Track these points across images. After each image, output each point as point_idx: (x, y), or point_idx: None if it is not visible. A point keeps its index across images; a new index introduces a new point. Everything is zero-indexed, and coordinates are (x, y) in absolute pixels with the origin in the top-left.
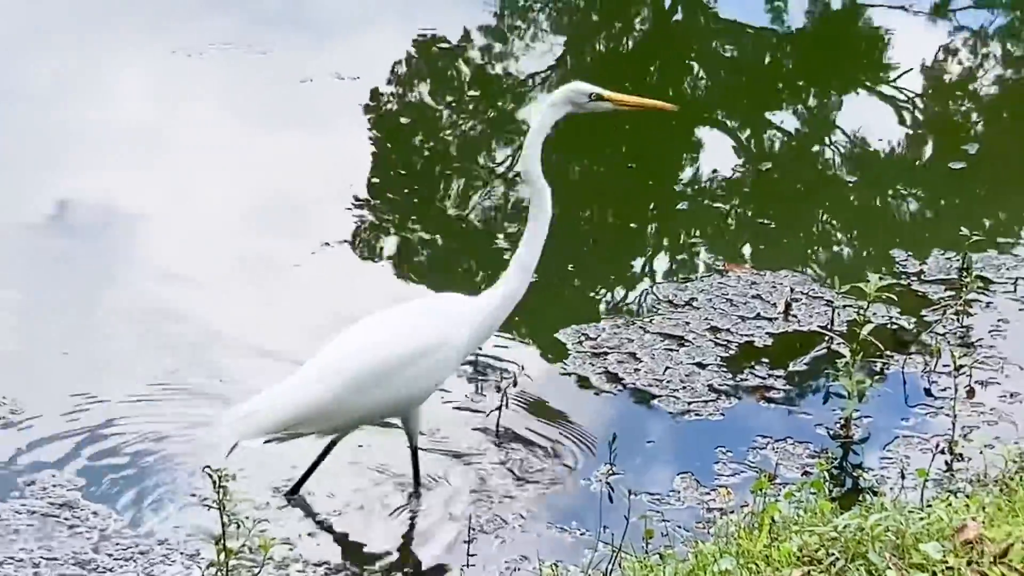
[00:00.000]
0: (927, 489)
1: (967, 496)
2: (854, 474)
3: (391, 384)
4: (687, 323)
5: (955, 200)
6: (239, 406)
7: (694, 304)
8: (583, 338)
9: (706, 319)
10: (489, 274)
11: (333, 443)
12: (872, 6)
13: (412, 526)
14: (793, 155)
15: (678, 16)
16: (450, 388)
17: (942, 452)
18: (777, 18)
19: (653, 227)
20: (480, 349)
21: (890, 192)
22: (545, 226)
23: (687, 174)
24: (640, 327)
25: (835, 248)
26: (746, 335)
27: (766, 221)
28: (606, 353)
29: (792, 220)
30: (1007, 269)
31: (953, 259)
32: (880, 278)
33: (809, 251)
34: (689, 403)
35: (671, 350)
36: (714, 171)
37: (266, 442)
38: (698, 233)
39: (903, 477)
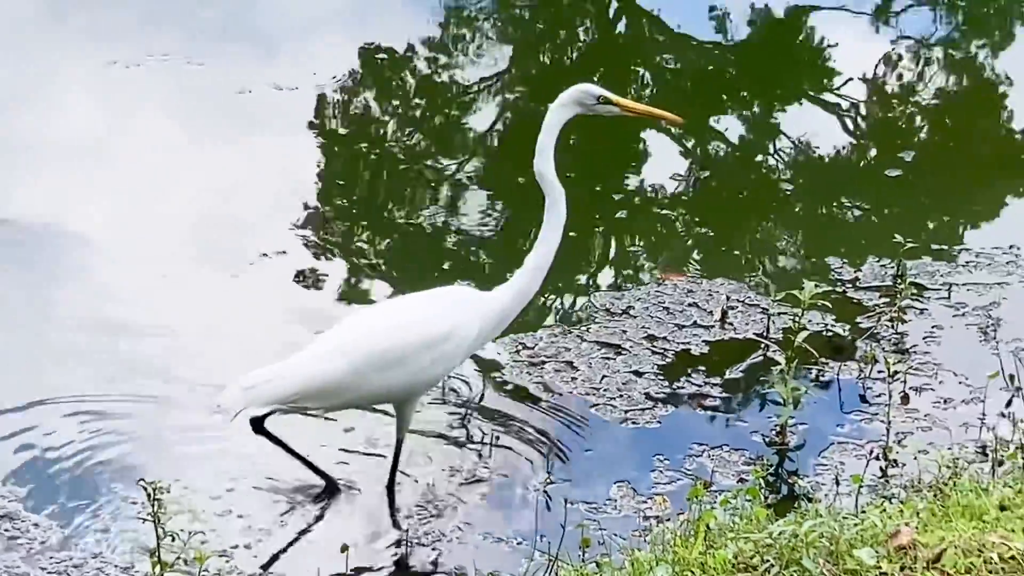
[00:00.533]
0: (862, 495)
1: (901, 502)
2: (789, 481)
3: (407, 366)
4: (624, 331)
5: (891, 207)
6: (248, 374)
7: (631, 312)
8: (520, 347)
9: (643, 327)
10: (436, 278)
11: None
12: (816, 8)
13: (349, 539)
14: (735, 163)
15: (622, 26)
16: None
17: (877, 458)
18: (721, 28)
19: (592, 236)
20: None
21: (828, 200)
22: (559, 227)
23: (628, 183)
24: (577, 336)
25: (772, 256)
26: (683, 343)
27: (705, 229)
28: (543, 362)
29: (731, 228)
30: (941, 276)
31: (888, 266)
32: (816, 286)
33: (746, 259)
34: (626, 411)
35: (608, 358)
36: (655, 180)
37: (268, 414)
38: (637, 242)
39: (838, 483)
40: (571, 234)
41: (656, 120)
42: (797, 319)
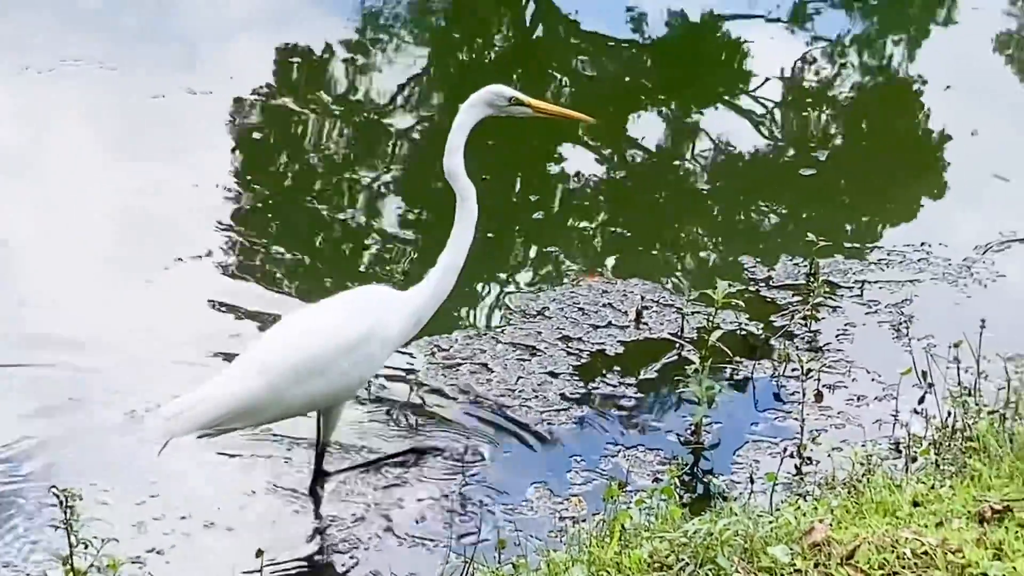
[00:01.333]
0: (776, 493)
1: (816, 499)
2: (705, 480)
3: (327, 374)
4: (539, 333)
5: (805, 206)
6: (169, 404)
7: (546, 314)
8: (436, 349)
9: (558, 328)
10: (354, 280)
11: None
12: (732, 18)
13: (265, 544)
14: (651, 164)
15: (539, 29)
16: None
17: (791, 456)
18: (638, 30)
19: (508, 237)
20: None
21: (742, 200)
22: (471, 225)
23: (545, 184)
24: (493, 337)
25: (686, 256)
26: (598, 344)
27: (621, 230)
28: (459, 364)
29: (646, 229)
30: (854, 274)
31: (801, 265)
32: (729, 285)
33: (661, 259)
34: (542, 412)
35: (523, 360)
36: (573, 181)
37: (198, 438)
38: (552, 243)
39: (752, 481)
40: (488, 235)
41: (569, 120)
42: (711, 318)
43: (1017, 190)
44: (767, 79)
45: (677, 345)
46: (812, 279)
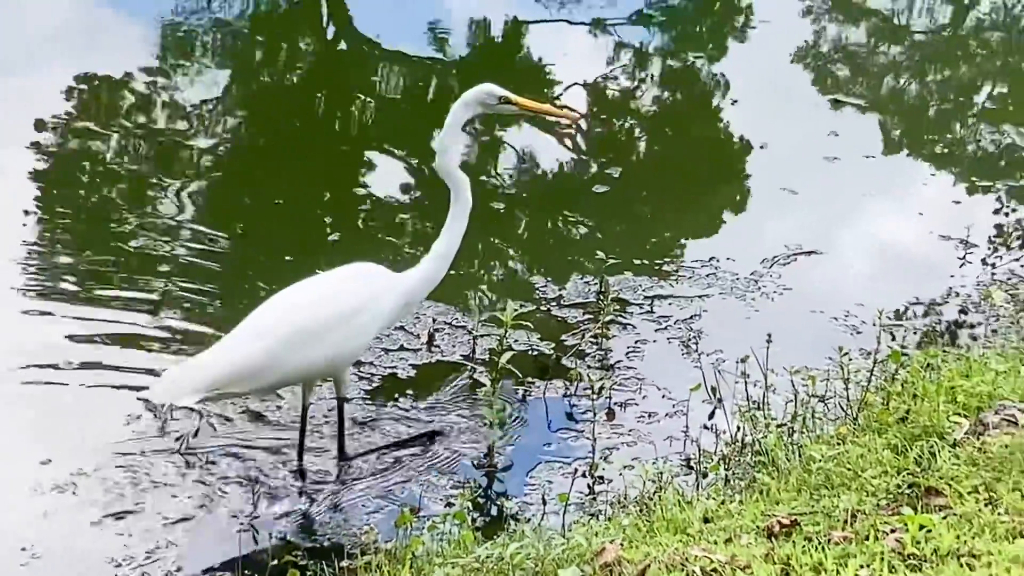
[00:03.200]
0: (569, 513)
1: (608, 518)
2: (498, 502)
3: (323, 342)
4: None
5: (597, 224)
6: (170, 369)
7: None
8: None
9: None
10: (159, 298)
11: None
12: (535, 22)
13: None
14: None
15: (342, 45)
16: None
17: (583, 475)
18: (440, 47)
19: (304, 262)
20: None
21: (536, 218)
22: (465, 215)
23: (342, 204)
24: None
25: (478, 277)
26: (389, 367)
27: (413, 251)
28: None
29: None
30: (643, 290)
31: (592, 283)
32: (520, 305)
33: (453, 281)
34: (333, 438)
35: (317, 386)
36: (374, 198)
37: (198, 402)
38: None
39: (545, 503)
40: (286, 258)
41: (554, 117)
42: (501, 340)
43: (803, 203)
44: (571, 85)
45: (468, 368)
46: (602, 297)
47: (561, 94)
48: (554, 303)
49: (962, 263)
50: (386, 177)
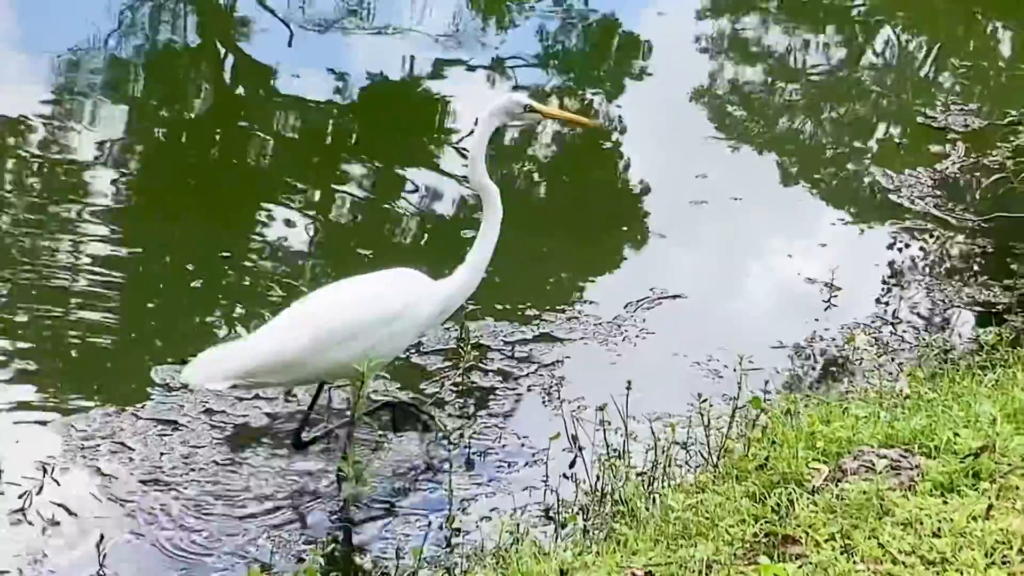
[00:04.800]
0: (424, 567)
1: (463, 572)
2: (352, 557)
3: (364, 340)
4: (182, 407)
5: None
6: (209, 350)
7: (190, 387)
8: (71, 429)
9: (202, 402)
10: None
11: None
12: (440, 64)
13: None
14: (350, 225)
15: (240, 90)
16: None
17: (440, 528)
18: (339, 91)
19: (168, 307)
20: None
21: (397, 263)
22: (496, 224)
23: (239, 245)
24: (133, 414)
25: None
26: (243, 415)
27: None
28: (97, 444)
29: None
30: (504, 336)
31: (451, 329)
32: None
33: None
34: (187, 489)
35: (165, 435)
36: (273, 243)
37: (231, 388)
38: (209, 313)
39: (400, 557)
40: (149, 305)
41: (574, 124)
42: (359, 389)
43: (667, 247)
44: (471, 131)
45: (325, 418)
46: (462, 343)
47: (463, 138)
48: (413, 350)
49: (827, 306)
50: (283, 219)
